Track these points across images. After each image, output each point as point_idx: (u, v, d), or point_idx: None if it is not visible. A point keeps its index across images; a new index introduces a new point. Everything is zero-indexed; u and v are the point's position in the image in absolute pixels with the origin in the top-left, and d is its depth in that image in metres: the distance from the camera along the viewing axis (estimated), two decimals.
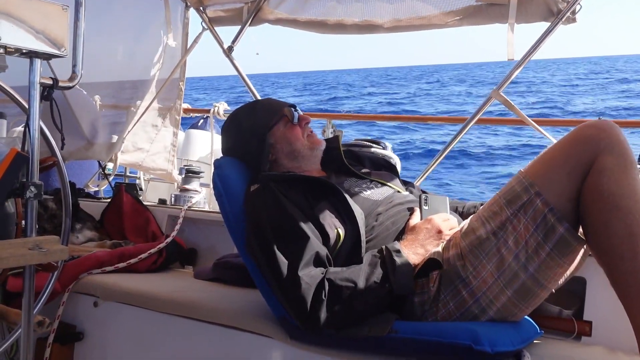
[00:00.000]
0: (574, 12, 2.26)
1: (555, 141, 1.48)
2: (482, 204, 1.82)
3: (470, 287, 1.41)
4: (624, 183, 1.30)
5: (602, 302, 1.66)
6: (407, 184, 1.94)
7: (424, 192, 1.92)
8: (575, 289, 1.74)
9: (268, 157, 1.75)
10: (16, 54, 1.26)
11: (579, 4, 2.22)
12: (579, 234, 1.38)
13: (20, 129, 3.40)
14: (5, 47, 1.20)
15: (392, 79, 54.73)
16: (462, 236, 1.46)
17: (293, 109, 1.80)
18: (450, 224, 1.56)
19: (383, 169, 1.92)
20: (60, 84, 1.34)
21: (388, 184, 1.78)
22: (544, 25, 2.34)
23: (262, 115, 1.79)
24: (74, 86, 1.37)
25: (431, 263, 1.46)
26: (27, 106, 1.31)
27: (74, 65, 1.36)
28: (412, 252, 1.48)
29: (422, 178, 2.77)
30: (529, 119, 2.51)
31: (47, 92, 1.32)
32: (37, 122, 1.29)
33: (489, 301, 1.40)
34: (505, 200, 1.40)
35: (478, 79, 45.56)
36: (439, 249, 1.50)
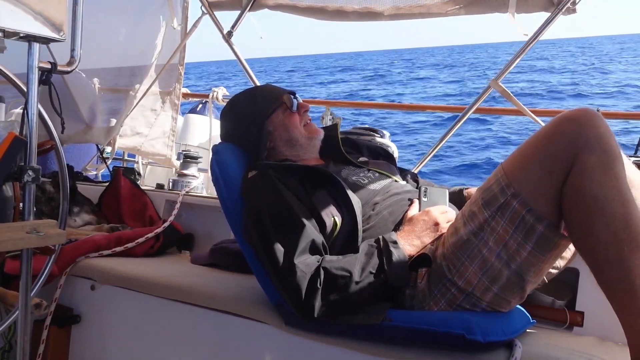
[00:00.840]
0: (574, 3, 2.25)
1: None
2: (466, 189, 1.83)
3: (457, 286, 1.42)
4: (607, 184, 1.23)
5: (595, 293, 1.67)
6: (405, 172, 1.95)
7: (416, 179, 1.92)
8: (568, 280, 1.76)
9: (266, 144, 1.75)
10: (15, 38, 1.26)
11: None
12: (562, 228, 1.35)
13: (19, 111, 3.39)
14: (3, 31, 1.20)
15: (377, 63, 54.17)
16: (447, 236, 1.47)
17: (292, 96, 1.80)
18: (448, 217, 1.56)
19: (381, 158, 1.92)
20: (59, 68, 1.34)
21: (386, 173, 1.79)
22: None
23: (261, 101, 1.79)
24: (72, 70, 1.37)
25: (422, 258, 1.46)
26: (25, 90, 1.31)
27: (73, 50, 1.35)
28: (409, 244, 1.48)
29: (420, 167, 2.78)
30: (526, 109, 2.52)
31: (46, 76, 1.32)
32: (35, 106, 1.29)
33: (476, 298, 1.41)
34: (483, 201, 1.38)
35: (453, 64, 45.49)
36: (433, 245, 1.51)
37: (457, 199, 1.79)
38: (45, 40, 1.27)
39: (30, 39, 1.26)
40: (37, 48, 1.28)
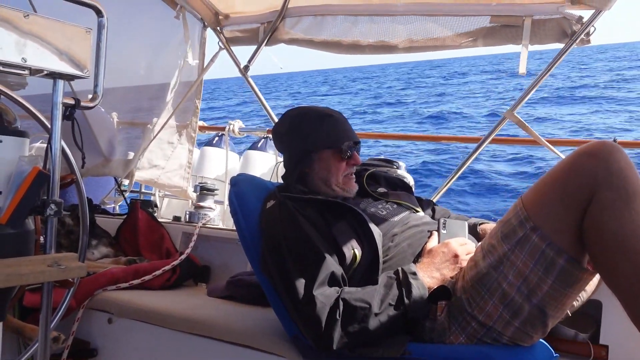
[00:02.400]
0: (588, 34, 2.27)
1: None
2: (481, 224, 1.81)
3: (478, 320, 1.40)
4: (627, 220, 1.21)
5: (619, 325, 1.65)
6: (425, 202, 1.94)
7: (434, 208, 1.91)
8: (591, 312, 1.72)
9: (303, 168, 1.77)
10: (40, 75, 1.29)
11: (593, 26, 2.23)
12: (585, 261, 1.33)
13: (38, 145, 3.45)
14: (30, 68, 1.23)
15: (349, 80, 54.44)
16: (467, 269, 1.46)
17: (354, 146, 1.78)
18: (467, 249, 1.55)
19: (398, 189, 1.92)
20: (83, 103, 1.37)
21: (405, 204, 1.79)
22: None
23: (324, 132, 1.77)
24: (95, 106, 1.40)
25: (441, 291, 1.45)
26: (49, 125, 1.34)
27: (96, 86, 1.38)
28: (428, 276, 1.47)
29: (437, 197, 2.77)
30: (542, 139, 2.51)
31: (69, 112, 1.35)
32: (58, 142, 1.31)
33: (498, 333, 1.39)
34: (502, 234, 1.37)
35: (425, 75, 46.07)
36: (453, 278, 1.49)
37: (472, 233, 1.78)
38: (70, 77, 1.30)
39: (55, 76, 1.29)
40: (62, 85, 1.31)
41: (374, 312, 1.38)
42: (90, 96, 1.43)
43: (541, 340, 1.47)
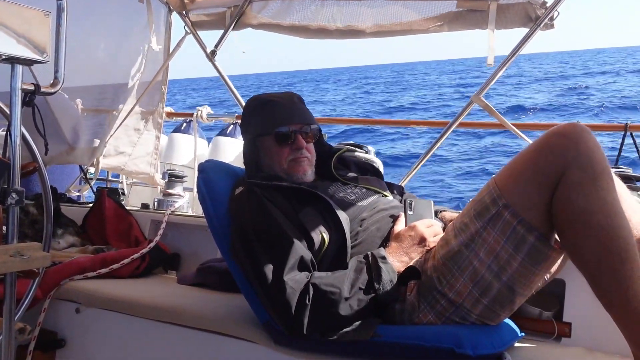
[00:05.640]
0: (552, 19, 2.31)
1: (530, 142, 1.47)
2: (442, 212, 1.83)
3: (447, 297, 1.42)
4: (594, 197, 1.26)
5: (581, 303, 1.69)
6: (394, 187, 1.96)
7: (402, 193, 1.93)
8: (555, 291, 1.77)
9: (254, 157, 1.78)
10: None
11: (556, 10, 2.27)
12: (553, 240, 1.37)
13: (1, 133, 3.36)
14: None
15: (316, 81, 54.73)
16: (438, 248, 1.48)
17: (296, 130, 1.73)
18: (434, 230, 1.57)
19: (368, 174, 1.93)
20: (42, 89, 1.33)
21: (375, 188, 1.79)
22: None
23: (260, 119, 1.76)
24: (56, 92, 1.36)
25: (410, 271, 1.47)
26: (8, 112, 1.30)
27: (56, 71, 1.34)
28: (397, 260, 1.49)
29: (405, 181, 2.80)
30: (509, 123, 2.56)
31: (29, 98, 1.31)
32: (18, 129, 1.28)
33: (467, 311, 1.42)
34: (475, 212, 1.40)
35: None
36: (422, 258, 1.51)
37: None
38: (29, 62, 1.27)
39: (13, 60, 1.25)
40: (20, 70, 1.27)
41: (344, 297, 1.39)
42: (51, 81, 1.39)
43: (507, 320, 1.51)
